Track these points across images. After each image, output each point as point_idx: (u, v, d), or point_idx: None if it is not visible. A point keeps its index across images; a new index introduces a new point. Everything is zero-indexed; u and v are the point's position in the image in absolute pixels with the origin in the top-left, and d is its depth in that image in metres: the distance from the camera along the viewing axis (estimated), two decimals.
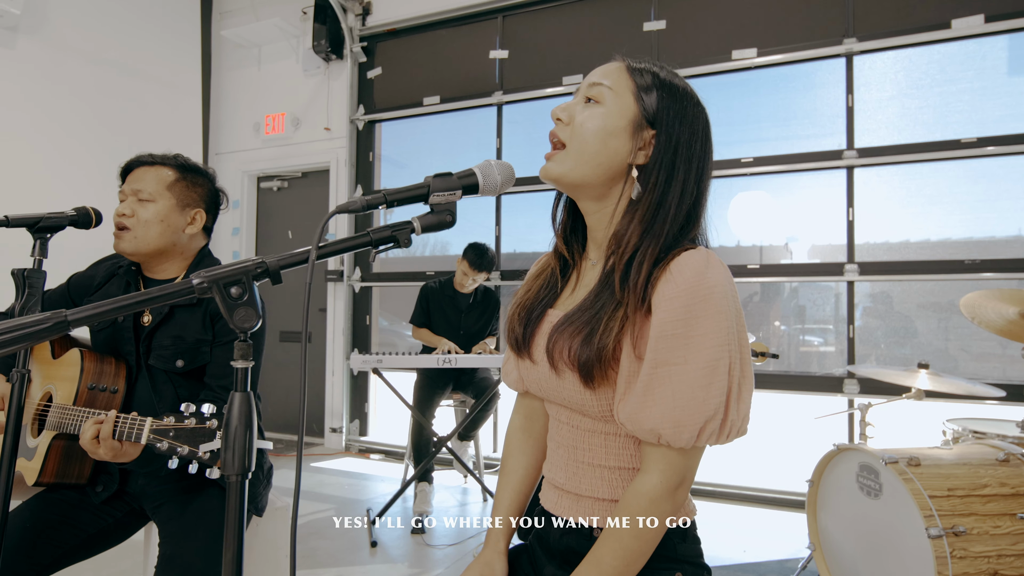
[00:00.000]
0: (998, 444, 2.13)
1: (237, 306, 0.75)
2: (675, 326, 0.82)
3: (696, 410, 0.80)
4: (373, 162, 4.92)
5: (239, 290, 0.76)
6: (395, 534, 3.05)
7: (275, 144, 5.26)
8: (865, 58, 3.52)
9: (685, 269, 0.83)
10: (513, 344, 1.03)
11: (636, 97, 0.93)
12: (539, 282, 1.05)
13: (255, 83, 5.41)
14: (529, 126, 4.46)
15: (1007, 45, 3.31)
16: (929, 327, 3.51)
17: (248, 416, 0.76)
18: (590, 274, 1.00)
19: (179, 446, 1.11)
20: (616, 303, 0.88)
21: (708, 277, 0.82)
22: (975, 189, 3.34)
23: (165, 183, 1.54)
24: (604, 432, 0.94)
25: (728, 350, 0.81)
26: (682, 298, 0.82)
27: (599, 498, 0.94)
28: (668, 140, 0.92)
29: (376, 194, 0.83)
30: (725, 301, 0.82)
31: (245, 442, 0.75)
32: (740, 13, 3.77)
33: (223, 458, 0.75)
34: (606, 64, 0.98)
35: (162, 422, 1.15)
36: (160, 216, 1.51)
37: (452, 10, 4.56)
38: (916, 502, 1.87)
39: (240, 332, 0.76)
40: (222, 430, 1.07)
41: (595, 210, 0.97)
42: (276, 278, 0.79)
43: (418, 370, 3.52)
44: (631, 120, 0.92)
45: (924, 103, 3.43)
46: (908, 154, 3.41)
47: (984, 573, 1.81)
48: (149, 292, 0.74)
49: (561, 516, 0.98)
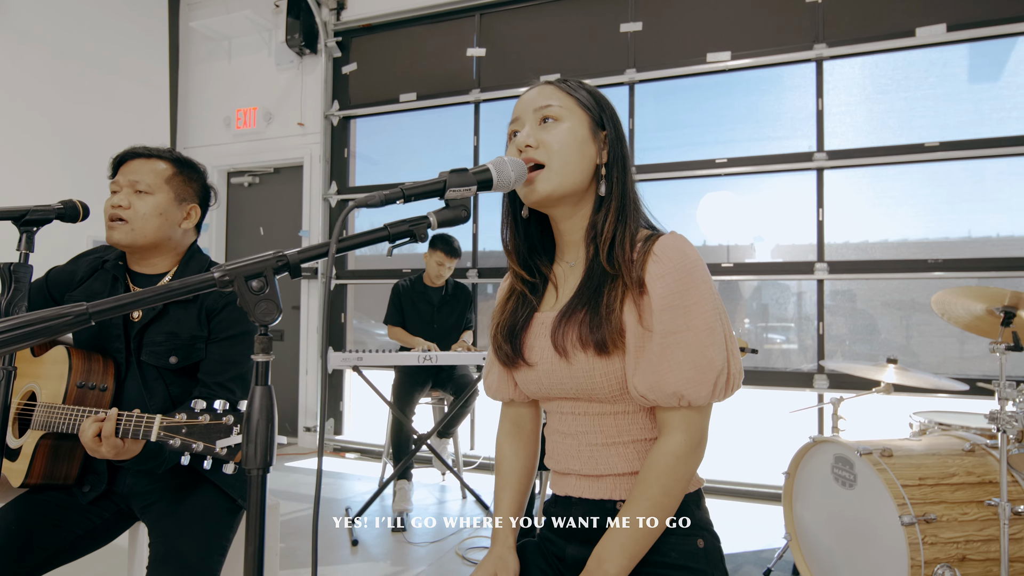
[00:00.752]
0: (963, 435, 2.23)
1: (259, 300, 0.75)
2: (672, 298, 0.92)
3: (708, 368, 0.90)
4: (348, 158, 4.87)
5: (260, 283, 0.76)
6: (375, 533, 3.04)
7: (246, 139, 5.16)
8: (834, 63, 3.63)
9: (668, 249, 0.95)
10: (503, 358, 1.09)
11: (582, 107, 1.03)
12: (511, 304, 1.11)
13: (225, 76, 5.30)
14: (507, 124, 4.47)
15: (967, 53, 3.45)
16: (891, 324, 3.64)
17: (270, 410, 0.76)
18: (572, 273, 1.06)
19: (193, 442, 1.10)
20: (611, 276, 0.97)
21: (688, 254, 0.94)
22: (938, 191, 3.48)
23: (163, 176, 1.51)
24: (613, 412, 1.00)
25: (717, 313, 0.93)
26: (672, 274, 0.93)
27: (618, 473, 1.00)
28: (616, 136, 1.04)
29: (394, 189, 0.83)
30: (705, 272, 0.95)
31: (267, 436, 0.75)
32: (715, 17, 3.85)
33: (245, 452, 0.75)
34: (537, 89, 1.06)
35: (174, 419, 1.13)
36: (159, 209, 1.48)
37: (429, 7, 4.54)
38: (890, 491, 1.95)
39: (261, 326, 0.76)
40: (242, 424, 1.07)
41: (570, 215, 1.05)
42: (296, 271, 0.79)
43: (397, 368, 3.51)
44: (589, 126, 1.02)
45: (890, 108, 3.55)
46: (875, 157, 3.53)
47: (953, 558, 1.90)
48: (171, 285, 0.73)
49: (582, 497, 1.02)
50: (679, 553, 0.96)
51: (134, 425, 1.20)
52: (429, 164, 4.70)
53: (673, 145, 3.95)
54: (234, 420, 1.13)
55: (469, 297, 3.75)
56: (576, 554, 1.02)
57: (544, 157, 0.99)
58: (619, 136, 1.04)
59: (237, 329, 1.50)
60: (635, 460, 1.00)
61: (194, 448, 1.11)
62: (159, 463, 1.36)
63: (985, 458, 2.09)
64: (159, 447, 1.33)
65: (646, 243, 0.97)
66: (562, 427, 1.05)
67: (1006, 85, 3.39)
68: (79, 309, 0.68)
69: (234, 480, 1.51)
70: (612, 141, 1.03)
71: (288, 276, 0.79)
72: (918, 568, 1.87)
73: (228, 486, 1.49)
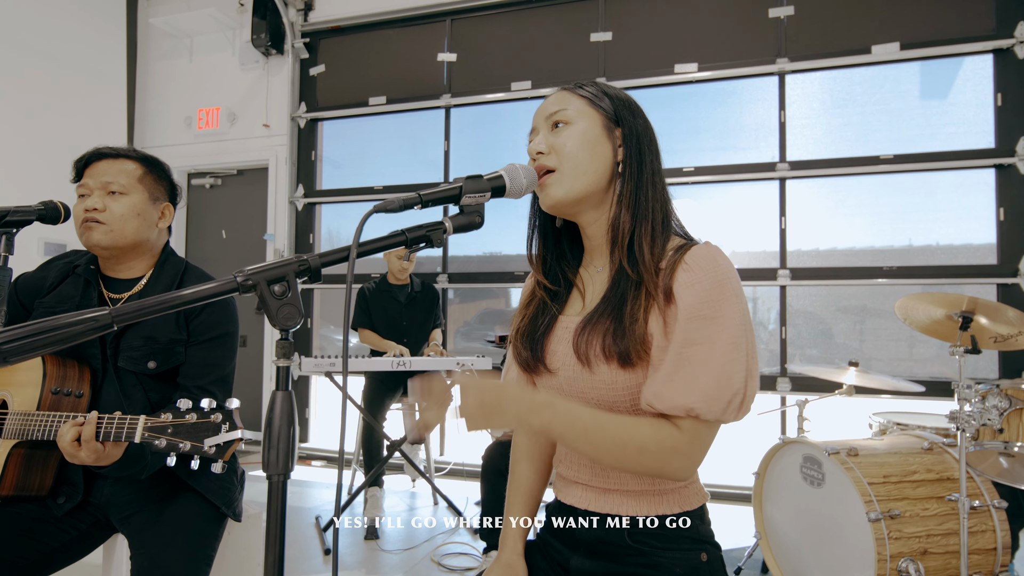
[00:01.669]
0: (922, 434, 2.34)
1: (281, 304, 0.75)
2: (701, 308, 0.88)
3: (726, 385, 0.86)
4: (316, 161, 4.80)
5: (282, 288, 0.75)
6: (347, 540, 3.00)
7: (208, 139, 5.03)
8: (796, 77, 3.77)
9: (700, 259, 0.91)
10: (523, 364, 1.07)
11: (594, 106, 1.01)
12: (532, 309, 1.10)
13: (186, 75, 5.16)
14: (478, 129, 4.49)
15: (919, 71, 3.64)
16: (846, 329, 3.79)
17: (291, 415, 0.75)
18: (598, 279, 1.05)
19: (180, 442, 1.07)
20: (635, 283, 0.94)
21: (721, 265, 0.90)
22: (892, 201, 3.64)
23: (135, 176, 1.47)
24: None
25: (744, 329, 0.88)
26: (703, 283, 0.89)
27: (627, 490, 0.99)
28: (632, 132, 1.01)
29: (411, 194, 0.84)
30: (738, 285, 0.90)
31: (289, 441, 0.75)
32: (682, 29, 3.95)
33: (266, 457, 0.74)
34: (551, 96, 1.05)
35: (159, 419, 1.10)
36: (136, 210, 1.44)
37: (399, 11, 4.52)
38: (857, 489, 2.03)
39: (282, 331, 0.75)
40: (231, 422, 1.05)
41: (595, 219, 1.03)
42: (316, 276, 0.78)
43: (367, 374, 3.47)
44: (602, 125, 1.00)
45: (847, 121, 3.71)
46: (833, 168, 3.68)
47: (916, 552, 1.99)
48: (196, 289, 0.72)
49: (587, 510, 1.01)
50: (684, 569, 0.96)
51: (116, 427, 1.16)
52: (399, 168, 4.67)
53: None
54: (223, 418, 1.11)
55: (437, 295, 3.75)
56: (580, 566, 1.02)
57: (555, 162, 0.98)
58: (638, 132, 1.00)
59: (217, 331, 1.47)
60: (645, 479, 0.98)
61: (181, 448, 1.09)
62: (141, 468, 1.32)
63: (942, 456, 2.20)
64: (141, 451, 1.29)
65: (677, 252, 0.94)
66: None
67: (953, 102, 3.58)
68: (103, 314, 0.67)
69: (217, 488, 1.48)
70: (627, 136, 1.00)
71: (308, 280, 0.79)
72: (884, 562, 1.95)
73: (212, 494, 1.45)
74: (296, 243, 4.77)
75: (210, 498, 1.44)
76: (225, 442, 1.08)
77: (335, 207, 4.80)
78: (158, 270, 1.51)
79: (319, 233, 4.82)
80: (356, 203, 4.71)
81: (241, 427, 1.10)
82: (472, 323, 4.54)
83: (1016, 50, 3.39)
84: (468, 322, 4.53)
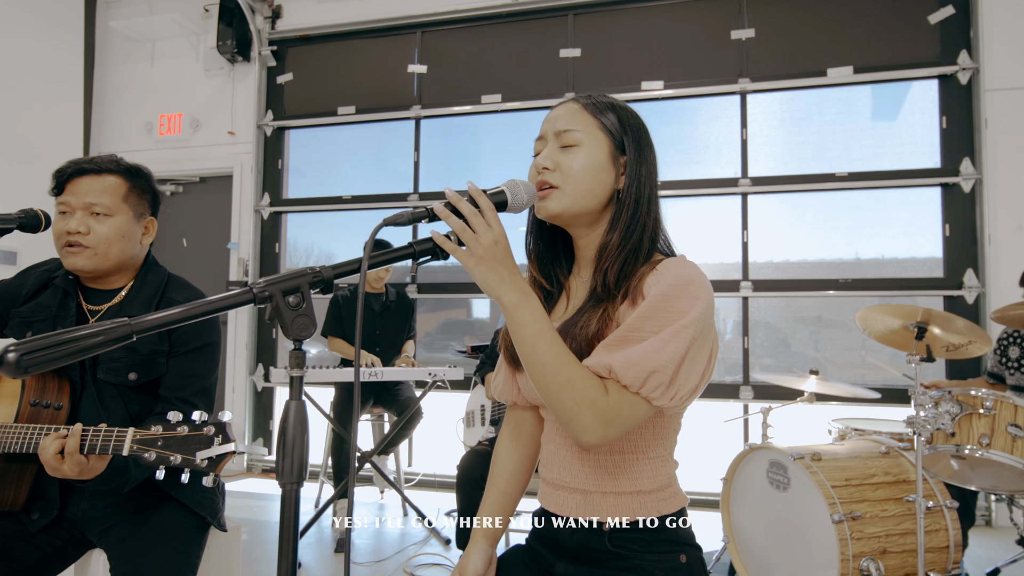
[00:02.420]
0: (879, 439, 2.45)
1: (296, 315, 0.76)
2: (657, 300, 0.92)
3: (651, 357, 0.87)
4: (282, 170, 4.74)
5: (297, 299, 0.77)
6: (317, 554, 2.96)
7: (170, 146, 4.93)
8: (757, 96, 3.92)
9: (671, 266, 0.96)
10: (510, 360, 1.12)
11: (605, 132, 1.03)
12: None
13: (147, 80, 5.05)
14: (448, 140, 4.51)
15: (871, 93, 3.83)
16: (803, 339, 3.94)
17: (304, 424, 0.77)
18: (583, 289, 1.09)
19: (171, 455, 1.06)
20: (596, 300, 0.99)
21: (689, 271, 0.94)
22: (846, 216, 3.81)
23: (119, 194, 1.43)
24: None
25: (695, 328, 0.89)
26: (666, 284, 0.93)
27: (606, 491, 1.02)
28: (635, 160, 1.03)
29: (419, 209, 0.86)
30: (702, 291, 0.92)
31: (303, 450, 0.76)
32: (649, 48, 4.07)
33: (280, 467, 0.75)
34: (564, 107, 1.07)
35: (148, 431, 1.09)
36: (121, 231, 1.41)
37: (369, 21, 4.53)
38: (821, 492, 2.12)
39: (296, 341, 0.77)
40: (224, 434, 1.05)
41: (586, 234, 1.07)
42: (330, 287, 0.80)
43: (337, 385, 3.44)
44: (609, 152, 1.03)
45: (805, 139, 3.87)
46: (792, 184, 3.84)
47: (876, 551, 2.08)
48: (211, 301, 0.73)
49: (569, 516, 1.04)
50: (664, 571, 0.99)
51: (102, 440, 1.15)
52: (368, 178, 4.65)
53: None
54: (215, 431, 1.11)
55: (411, 305, 3.75)
56: (565, 572, 1.04)
57: (559, 180, 1.01)
58: (641, 160, 1.03)
59: (199, 342, 1.45)
60: (625, 480, 1.01)
61: (172, 461, 1.08)
62: (124, 481, 1.29)
63: (899, 459, 2.32)
64: (124, 464, 1.27)
65: (650, 264, 0.99)
66: (558, 438, 1.08)
67: (902, 123, 3.78)
68: (122, 325, 0.67)
69: (200, 497, 1.46)
70: (632, 165, 1.02)
71: (321, 292, 0.81)
72: (847, 562, 2.04)
73: (195, 503, 1.43)
74: (261, 252, 4.70)
75: (195, 509, 1.42)
76: (218, 455, 1.08)
77: (302, 216, 4.75)
78: (139, 281, 1.48)
79: (285, 242, 4.76)
80: (324, 212, 4.68)
81: (234, 440, 1.10)
82: (434, 333, 4.54)
83: (959, 76, 3.61)
84: (430, 332, 4.53)
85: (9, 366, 0.64)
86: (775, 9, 3.90)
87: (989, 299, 3.45)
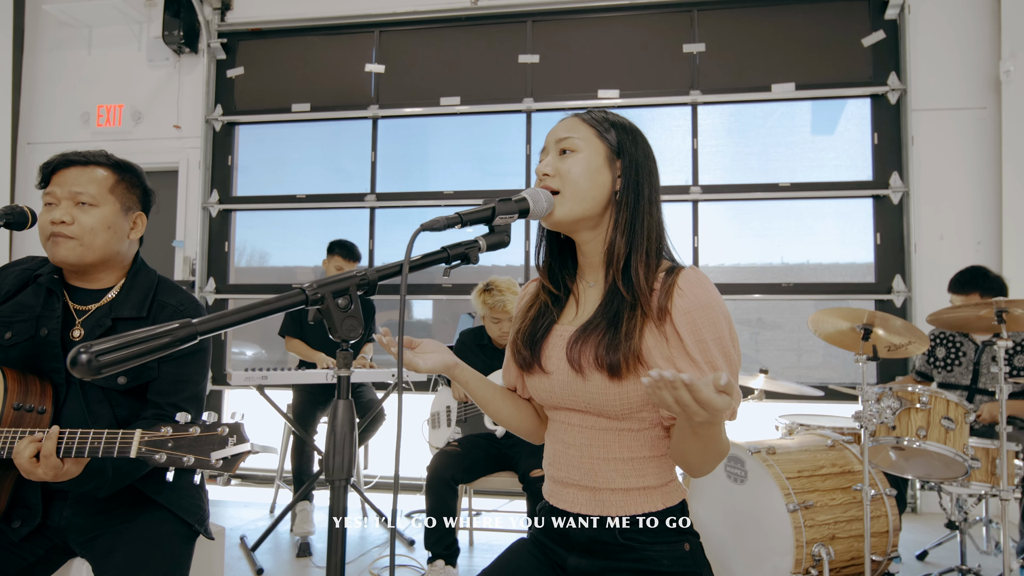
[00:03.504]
0: (825, 433, 2.62)
1: (345, 317, 0.79)
2: (698, 333, 1.01)
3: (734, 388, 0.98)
4: (232, 166, 4.61)
5: (346, 301, 0.79)
6: (279, 559, 2.91)
7: (109, 138, 4.69)
8: (707, 108, 4.11)
9: (692, 285, 1.04)
10: (521, 362, 1.15)
11: (600, 137, 1.10)
12: (532, 312, 1.18)
13: (84, 68, 4.80)
14: (407, 141, 4.50)
15: (811, 109, 4.08)
16: (745, 340, 4.15)
17: (353, 422, 0.79)
18: (591, 293, 1.14)
19: (183, 456, 1.06)
20: (630, 304, 1.04)
21: (709, 290, 1.04)
22: (788, 224, 4.05)
23: (106, 186, 1.40)
24: (619, 429, 1.07)
25: (732, 342, 1.04)
26: (697, 310, 1.02)
27: (615, 488, 1.07)
28: (632, 163, 1.10)
29: (452, 216, 0.89)
30: (723, 307, 1.04)
31: (353, 448, 0.78)
32: (606, 57, 4.19)
33: (330, 463, 0.77)
34: (563, 121, 1.14)
35: (158, 433, 1.08)
36: (107, 222, 1.38)
37: (325, 18, 4.47)
38: (777, 483, 2.26)
39: (343, 342, 0.79)
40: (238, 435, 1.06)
41: (590, 239, 1.13)
42: (374, 289, 0.83)
43: (295, 388, 3.39)
44: (605, 156, 1.09)
45: (751, 151, 4.09)
46: (739, 192, 4.04)
47: (826, 537, 2.24)
48: (269, 301, 0.75)
49: (579, 512, 1.09)
50: (671, 560, 1.05)
51: (106, 441, 1.12)
52: (323, 177, 4.58)
53: None
54: (228, 431, 1.10)
55: (373, 307, 3.72)
56: (577, 564, 1.09)
57: (559, 185, 1.07)
58: (638, 164, 1.10)
59: (191, 347, 1.43)
60: (633, 476, 1.06)
61: (185, 462, 1.07)
62: (101, 484, 1.26)
63: (843, 452, 2.49)
64: (102, 466, 1.24)
65: (668, 275, 1.05)
66: (567, 437, 1.12)
67: (839, 138, 4.04)
68: (185, 324, 0.68)
69: (188, 504, 1.43)
70: (627, 167, 1.09)
71: (366, 294, 0.83)
72: (801, 548, 2.18)
73: (184, 511, 1.41)
74: (209, 251, 4.55)
75: (182, 515, 1.40)
76: (233, 455, 1.07)
77: (253, 215, 4.62)
78: (129, 281, 1.44)
79: (234, 241, 4.63)
80: (276, 211, 4.57)
81: (249, 440, 1.10)
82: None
83: (889, 96, 3.89)
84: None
85: (82, 367, 0.64)
86: (724, 25, 4.10)
87: (915, 303, 3.74)
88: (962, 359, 2.91)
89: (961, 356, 2.91)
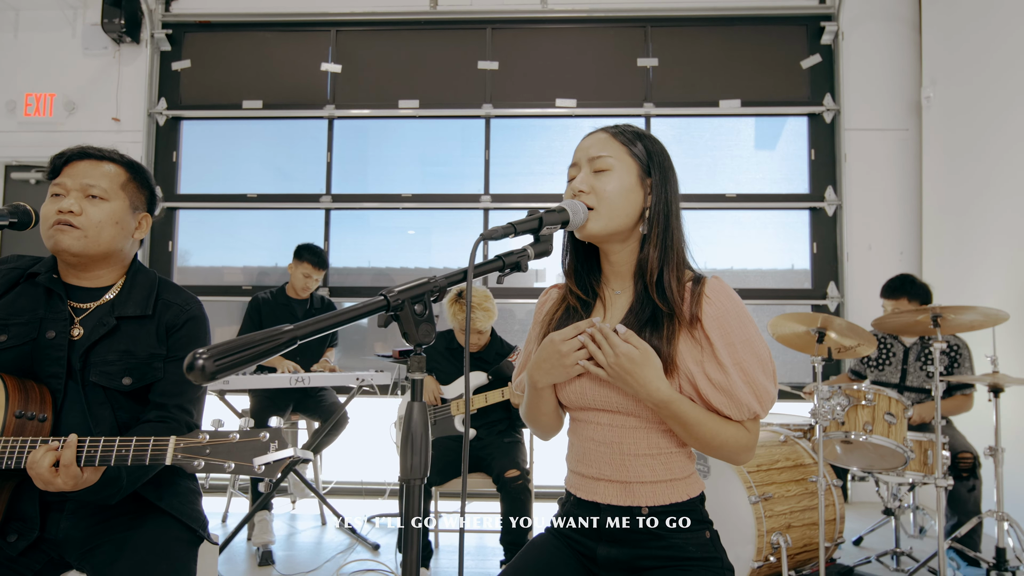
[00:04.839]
0: (778, 430, 2.80)
1: (420, 322, 0.82)
2: (730, 336, 1.10)
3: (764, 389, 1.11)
4: (176, 162, 4.42)
5: (421, 307, 0.82)
6: (240, 570, 2.83)
7: (37, 129, 4.41)
8: (660, 120, 4.29)
9: (719, 294, 1.13)
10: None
11: (632, 155, 1.16)
12: (560, 314, 1.24)
13: (9, 53, 4.48)
14: (362, 142, 4.45)
15: (754, 125, 4.33)
16: None
17: (426, 424, 0.82)
18: (619, 300, 1.21)
19: (224, 462, 1.05)
20: (666, 314, 1.12)
21: (734, 297, 1.14)
22: (735, 233, 4.27)
23: (118, 182, 1.37)
24: (647, 428, 1.14)
25: (762, 342, 1.13)
26: (725, 316, 1.11)
27: (645, 481, 1.14)
28: (662, 180, 1.16)
29: (507, 226, 0.93)
30: (747, 313, 1.14)
31: (427, 448, 0.82)
32: (564, 67, 4.30)
33: (408, 463, 0.80)
34: (592, 136, 1.21)
35: (195, 439, 1.06)
36: (115, 217, 1.34)
37: (278, 14, 4.37)
38: (739, 477, 2.41)
39: (417, 347, 0.82)
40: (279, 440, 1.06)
41: (619, 250, 1.19)
42: (442, 295, 0.86)
43: (252, 391, 3.30)
44: (637, 175, 1.16)
45: (701, 162, 4.29)
46: (690, 203, 4.23)
47: (783, 526, 2.40)
48: (355, 308, 0.77)
49: (608, 503, 1.15)
50: (695, 547, 1.14)
51: (136, 449, 1.10)
52: (274, 175, 4.47)
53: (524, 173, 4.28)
54: (270, 436, 1.10)
55: (333, 308, 3.67)
56: (607, 554, 1.15)
57: (594, 202, 1.13)
58: (665, 182, 1.16)
59: (196, 347, 1.41)
60: (660, 470, 1.14)
61: (227, 468, 1.06)
62: (115, 491, 1.22)
63: (795, 447, 2.68)
64: (118, 474, 1.21)
65: (696, 285, 1.13)
66: (596, 435, 1.17)
67: (780, 153, 4.31)
68: (287, 330, 0.70)
69: (190, 509, 1.40)
70: (657, 185, 1.15)
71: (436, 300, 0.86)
72: (762, 537, 2.33)
73: (187, 516, 1.37)
74: (152, 250, 4.35)
75: (186, 520, 1.36)
76: (276, 460, 1.07)
77: (198, 214, 4.45)
78: (131, 280, 1.40)
79: (177, 240, 4.44)
80: (225, 211, 4.42)
81: (290, 445, 1.10)
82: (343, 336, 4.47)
83: (824, 116, 4.19)
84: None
85: (198, 371, 0.65)
86: (676, 42, 4.29)
87: (847, 308, 4.04)
88: (892, 359, 3.17)
89: (892, 356, 3.17)
